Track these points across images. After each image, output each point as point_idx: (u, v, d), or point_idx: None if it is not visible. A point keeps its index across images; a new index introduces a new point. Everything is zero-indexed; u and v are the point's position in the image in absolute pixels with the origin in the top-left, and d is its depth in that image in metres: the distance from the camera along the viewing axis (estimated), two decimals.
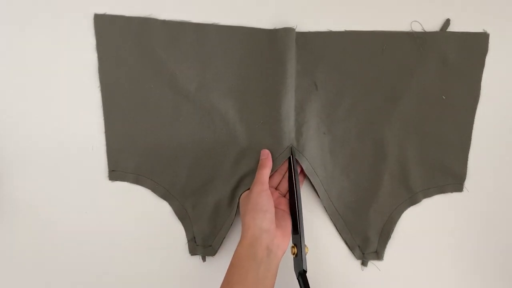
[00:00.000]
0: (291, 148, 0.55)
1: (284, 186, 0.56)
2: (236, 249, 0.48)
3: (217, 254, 0.55)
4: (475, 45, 0.56)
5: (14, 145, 0.56)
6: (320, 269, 0.55)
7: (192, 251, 0.56)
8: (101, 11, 0.56)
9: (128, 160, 0.56)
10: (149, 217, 0.56)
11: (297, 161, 0.54)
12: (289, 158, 0.55)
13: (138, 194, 0.56)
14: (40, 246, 0.56)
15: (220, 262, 0.55)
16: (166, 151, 0.56)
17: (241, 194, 0.54)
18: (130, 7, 0.56)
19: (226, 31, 0.56)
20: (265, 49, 0.56)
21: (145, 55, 0.56)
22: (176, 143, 0.56)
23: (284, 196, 0.56)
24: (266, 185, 0.51)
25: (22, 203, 0.56)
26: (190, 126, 0.56)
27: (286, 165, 0.56)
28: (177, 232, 0.56)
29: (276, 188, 0.56)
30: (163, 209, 0.56)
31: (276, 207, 0.52)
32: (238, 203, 0.54)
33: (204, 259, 0.56)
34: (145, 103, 0.56)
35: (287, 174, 0.56)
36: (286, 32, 0.55)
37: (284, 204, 0.54)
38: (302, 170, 0.56)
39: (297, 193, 0.52)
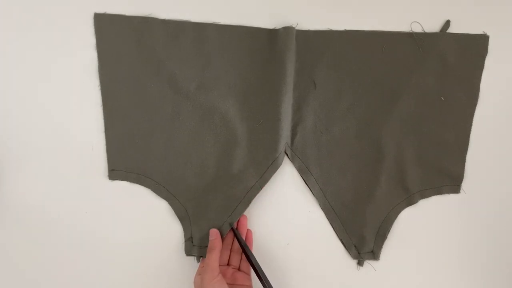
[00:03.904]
0: (230, 225, 0.54)
1: (235, 258, 0.55)
2: None
3: None
4: (475, 47, 0.56)
5: (14, 144, 0.56)
6: (316, 268, 0.55)
7: (188, 252, 0.55)
8: (101, 10, 0.56)
9: (128, 159, 0.56)
10: (148, 217, 0.56)
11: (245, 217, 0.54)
12: (232, 229, 0.54)
13: (138, 193, 0.56)
14: (40, 245, 0.56)
15: None
16: (166, 151, 0.56)
17: (195, 277, 0.51)
18: (130, 6, 0.56)
19: (226, 30, 0.56)
20: (265, 48, 0.56)
21: (145, 54, 0.56)
22: (176, 143, 0.56)
23: (239, 269, 0.54)
24: (217, 271, 0.49)
25: (22, 203, 0.56)
26: (190, 125, 0.56)
27: (230, 238, 0.56)
28: (176, 232, 0.56)
29: (228, 264, 0.55)
30: (163, 208, 0.56)
31: (233, 284, 0.51)
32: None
33: (198, 260, 0.55)
34: (145, 102, 0.56)
35: (234, 247, 0.55)
36: (286, 31, 0.55)
37: (241, 278, 0.53)
38: (246, 238, 0.55)
39: (252, 259, 0.51)
